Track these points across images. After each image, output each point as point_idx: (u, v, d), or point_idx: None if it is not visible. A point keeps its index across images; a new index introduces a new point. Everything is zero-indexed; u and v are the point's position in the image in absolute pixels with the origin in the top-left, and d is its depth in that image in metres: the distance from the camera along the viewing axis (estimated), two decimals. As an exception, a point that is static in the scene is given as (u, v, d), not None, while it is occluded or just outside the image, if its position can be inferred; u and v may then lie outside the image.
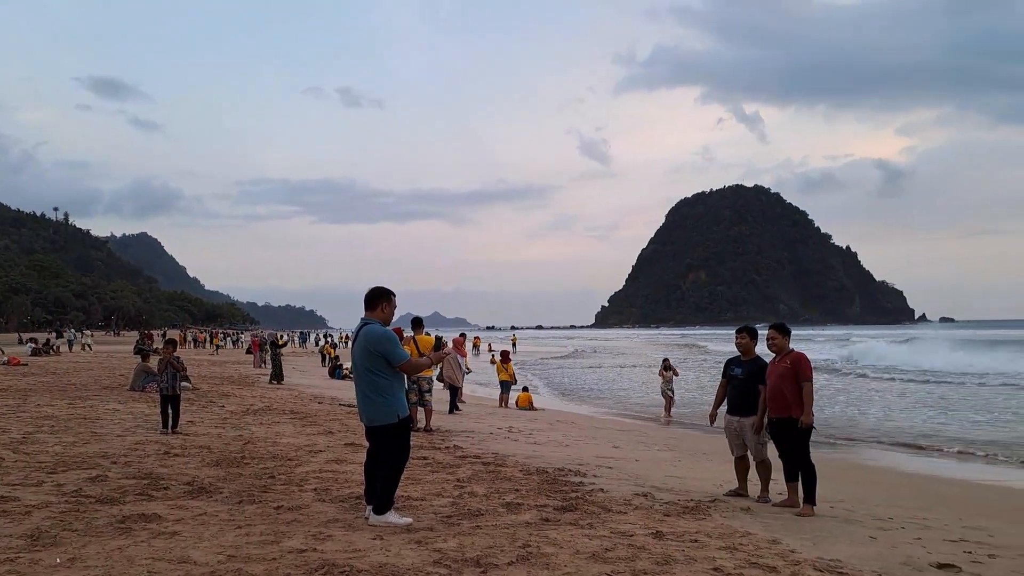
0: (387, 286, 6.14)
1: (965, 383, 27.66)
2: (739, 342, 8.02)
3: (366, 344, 5.80)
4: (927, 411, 19.67)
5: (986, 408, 20.07)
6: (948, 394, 24.12)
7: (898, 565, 5.47)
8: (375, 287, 6.14)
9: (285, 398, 17.45)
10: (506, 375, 20.00)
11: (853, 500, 8.23)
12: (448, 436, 11.66)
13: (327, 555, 4.82)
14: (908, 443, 14.38)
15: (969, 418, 18.06)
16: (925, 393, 24.78)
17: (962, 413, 19.05)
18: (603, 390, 28.06)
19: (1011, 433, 15.59)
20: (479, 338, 63.61)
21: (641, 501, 7.23)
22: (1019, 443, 14.19)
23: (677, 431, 16.03)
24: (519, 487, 7.54)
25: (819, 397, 22.68)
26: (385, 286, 6.16)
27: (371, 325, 5.89)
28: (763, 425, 7.70)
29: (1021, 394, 23.56)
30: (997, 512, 8.12)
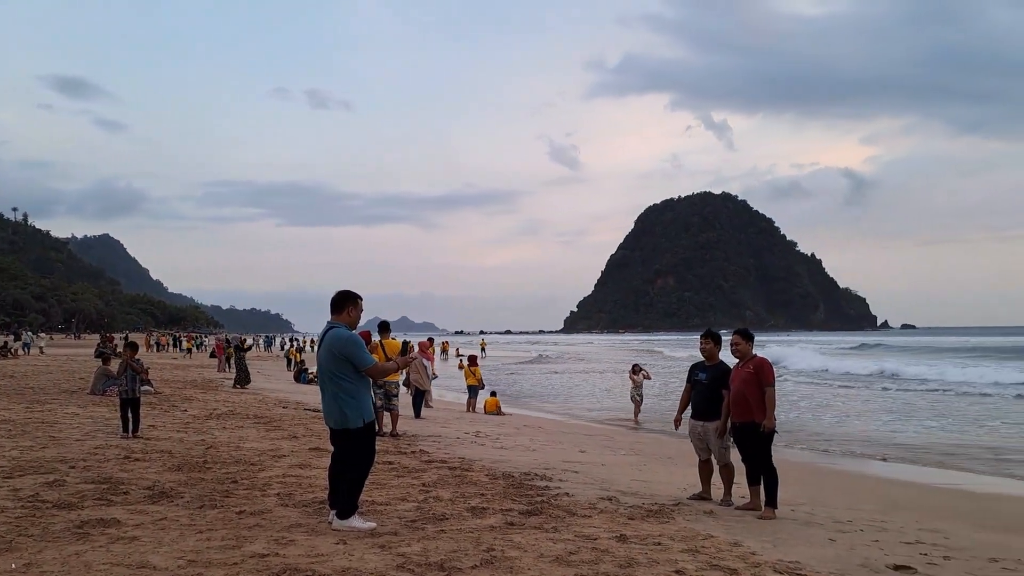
0: (354, 290, 6.13)
1: (911, 389, 28.12)
2: (703, 347, 8.10)
3: (331, 348, 5.77)
4: (885, 416, 20.01)
5: (941, 415, 20.46)
6: (898, 401, 24.56)
7: (855, 567, 5.56)
8: (341, 291, 6.13)
9: (249, 402, 17.28)
10: (474, 379, 19.98)
11: (814, 503, 8.35)
12: (414, 441, 11.63)
13: (289, 560, 4.79)
14: (867, 448, 14.61)
15: (924, 424, 18.40)
16: (881, 399, 25.21)
17: (917, 419, 19.41)
18: (570, 395, 28.15)
19: (964, 437, 15.90)
20: (448, 343, 63.50)
21: (606, 505, 7.27)
22: (971, 447, 14.50)
23: (643, 436, 16.12)
24: (485, 491, 7.54)
25: (783, 402, 22.95)
26: (352, 290, 6.15)
27: (337, 329, 5.87)
28: (726, 429, 7.79)
29: (959, 400, 24.12)
30: (953, 515, 8.29)
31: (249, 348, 26.43)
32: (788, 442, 14.75)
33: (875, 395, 26.65)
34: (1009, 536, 7.27)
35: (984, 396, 25.12)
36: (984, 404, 22.81)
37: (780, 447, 13.89)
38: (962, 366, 35.74)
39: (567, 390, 30.50)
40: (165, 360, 41.28)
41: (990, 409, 21.36)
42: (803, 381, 32.91)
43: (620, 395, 27.70)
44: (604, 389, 30.85)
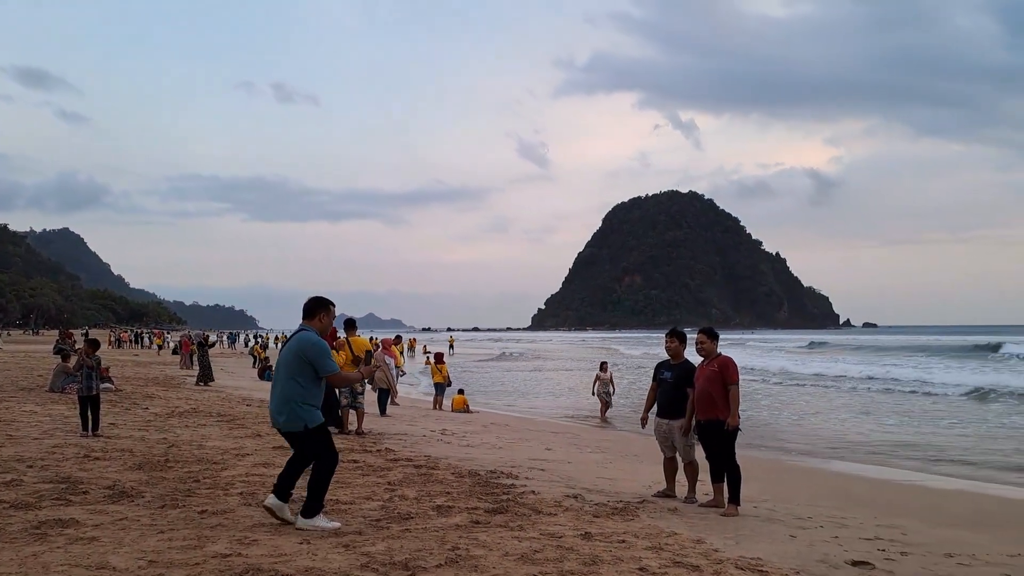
0: (321, 289, 6.14)
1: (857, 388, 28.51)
2: (668, 346, 8.17)
3: (298, 350, 5.74)
4: (844, 414, 20.33)
5: (896, 412, 20.84)
6: (852, 399, 24.96)
7: (815, 563, 5.65)
8: (314, 297, 6.11)
9: (212, 400, 17.07)
10: (440, 377, 19.95)
11: (776, 500, 8.46)
12: (380, 439, 11.58)
13: (252, 560, 4.75)
14: (829, 446, 14.84)
15: (882, 421, 18.73)
16: (839, 399, 25.59)
17: (876, 416, 19.75)
18: (537, 392, 28.22)
19: (921, 435, 16.22)
20: (415, 339, 63.30)
21: (571, 503, 7.31)
22: (930, 444, 14.79)
23: (610, 433, 16.22)
24: (450, 490, 7.54)
25: (748, 401, 23.23)
26: (324, 296, 6.14)
27: (307, 332, 5.85)
28: (691, 427, 7.87)
29: (909, 399, 24.58)
30: (911, 511, 8.45)
31: (212, 345, 26.09)
32: (750, 439, 14.94)
33: (820, 393, 26.99)
34: (963, 532, 7.42)
35: (929, 395, 25.47)
36: (930, 403, 23.23)
37: (742, 445, 14.09)
38: (914, 366, 36.35)
39: (533, 388, 30.58)
40: (127, 357, 40.63)
41: (938, 408, 21.78)
42: (753, 379, 33.23)
43: (585, 393, 27.84)
44: (568, 387, 30.98)
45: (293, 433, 5.73)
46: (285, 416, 5.69)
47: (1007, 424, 17.93)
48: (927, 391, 26.56)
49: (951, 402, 23.48)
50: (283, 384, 5.74)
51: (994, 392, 24.59)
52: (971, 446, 14.69)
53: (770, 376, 35.13)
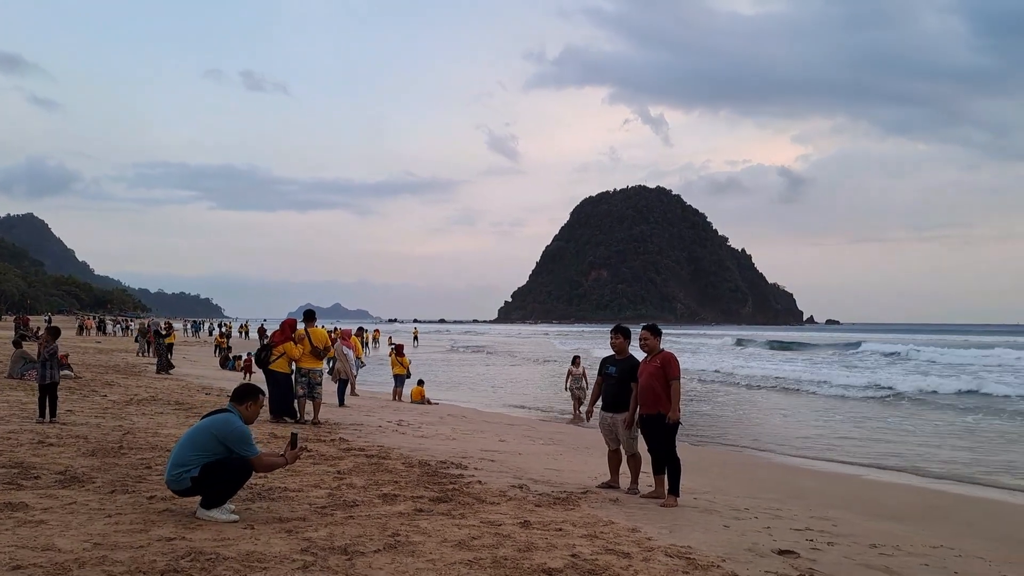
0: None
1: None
2: (613, 342, 8.42)
3: (215, 430, 5.75)
4: (780, 412, 20.81)
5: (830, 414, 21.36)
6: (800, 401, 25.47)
7: (743, 551, 5.92)
8: (246, 384, 6.30)
9: (172, 388, 17.07)
10: (401, 369, 20.06)
11: (716, 491, 8.76)
12: (336, 429, 11.72)
13: (195, 543, 4.90)
14: (774, 442, 15.23)
15: (815, 420, 19.22)
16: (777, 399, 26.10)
17: (809, 415, 20.24)
18: (497, 385, 28.43)
19: (862, 430, 16.69)
20: (379, 331, 63.20)
21: (516, 493, 7.53)
22: (870, 440, 15.25)
23: (564, 426, 16.48)
24: (399, 479, 7.73)
25: (694, 397, 23.66)
26: (257, 387, 6.28)
27: (231, 416, 5.90)
28: (634, 421, 8.13)
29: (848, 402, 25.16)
30: (845, 504, 8.79)
31: (167, 334, 25.84)
32: (690, 433, 15.31)
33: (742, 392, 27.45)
34: (893, 524, 7.77)
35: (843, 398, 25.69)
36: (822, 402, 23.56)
37: (690, 439, 14.44)
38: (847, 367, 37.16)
39: (492, 380, 30.79)
40: (88, 344, 40.16)
41: (840, 407, 22.33)
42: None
43: (540, 386, 28.12)
44: (524, 380, 31.26)
45: (179, 491, 5.77)
46: (175, 479, 5.71)
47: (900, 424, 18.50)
48: (812, 390, 26.68)
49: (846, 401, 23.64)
50: (183, 452, 5.74)
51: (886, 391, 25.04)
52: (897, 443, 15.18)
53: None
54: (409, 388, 19.69)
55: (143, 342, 32.38)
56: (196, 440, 5.76)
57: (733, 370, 34.18)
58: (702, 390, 26.42)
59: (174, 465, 5.72)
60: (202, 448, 5.71)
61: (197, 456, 5.68)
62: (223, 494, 5.72)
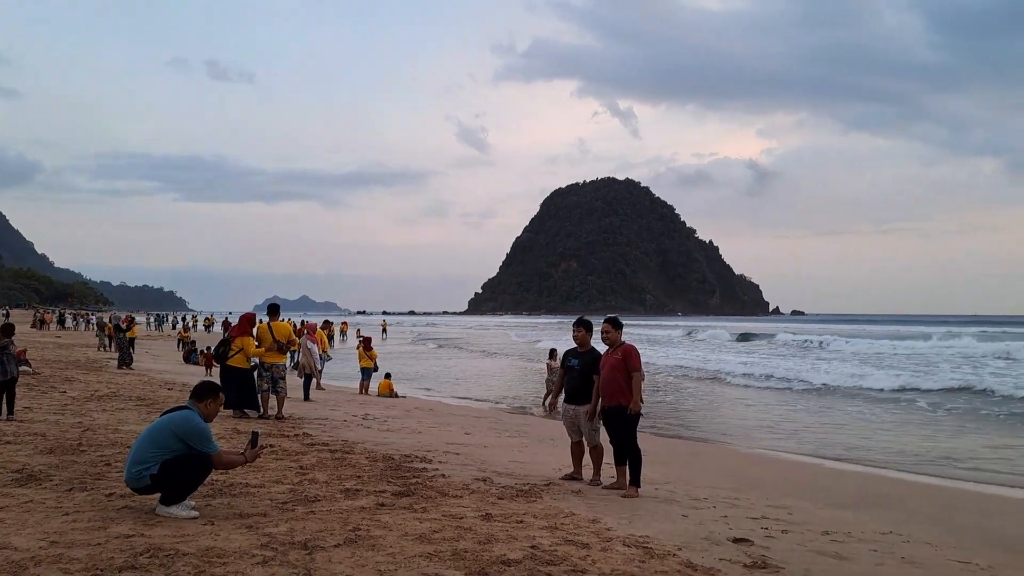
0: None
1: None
2: (576, 335, 8.51)
3: (175, 427, 5.74)
4: (744, 403, 21.12)
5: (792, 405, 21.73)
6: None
7: (699, 540, 6.05)
8: (206, 381, 6.30)
9: (134, 384, 16.88)
10: (368, 362, 20.04)
11: (677, 481, 8.90)
12: (300, 423, 11.70)
13: (154, 540, 4.90)
14: (734, 431, 15.47)
15: (773, 410, 19.54)
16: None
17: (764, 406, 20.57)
18: (462, 377, 28.47)
19: (821, 420, 17.01)
20: (347, 323, 62.88)
21: (479, 486, 7.59)
22: (828, 428, 15.55)
23: (531, 418, 16.57)
24: (362, 474, 7.75)
25: (658, 388, 23.88)
26: (217, 384, 6.27)
27: (191, 412, 5.89)
28: (596, 413, 8.23)
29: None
30: (801, 492, 8.98)
31: (128, 328, 25.50)
32: (653, 424, 15.51)
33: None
34: (847, 512, 7.96)
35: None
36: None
37: (654, 430, 14.62)
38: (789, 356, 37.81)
39: (462, 373, 30.83)
40: (47, 339, 39.50)
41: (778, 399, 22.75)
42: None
43: (509, 378, 28.25)
44: (492, 373, 31.35)
45: (139, 488, 5.75)
46: (134, 476, 5.69)
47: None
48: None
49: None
50: (142, 450, 5.73)
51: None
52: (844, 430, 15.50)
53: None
54: (376, 381, 19.67)
55: (103, 336, 31.95)
56: (155, 438, 5.74)
57: (680, 362, 34.38)
58: (663, 382, 26.67)
59: (133, 463, 5.70)
60: (162, 445, 5.69)
61: (156, 453, 5.66)
62: (183, 490, 5.71)
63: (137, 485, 5.71)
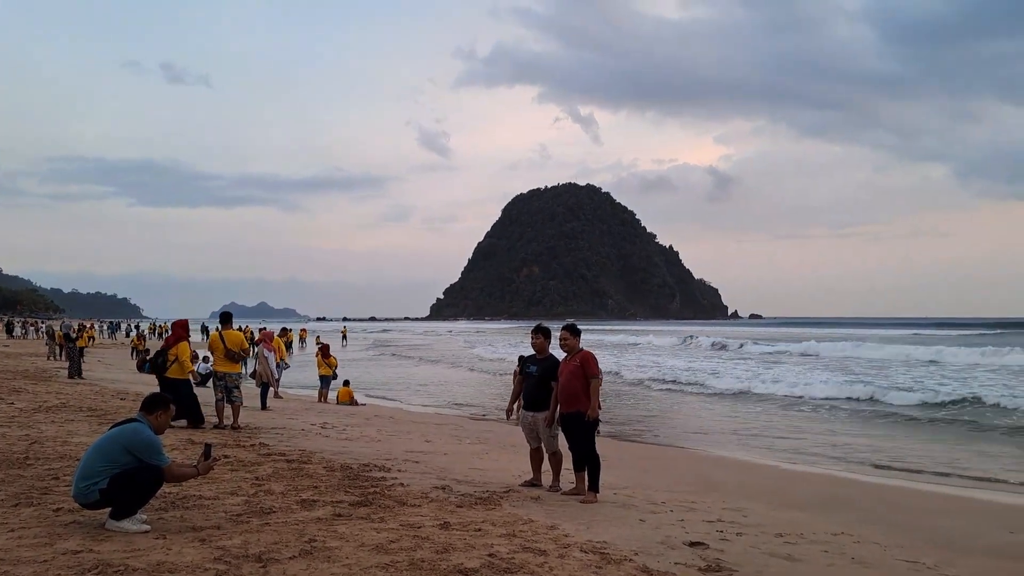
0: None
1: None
2: (534, 342, 8.54)
3: (125, 442, 5.63)
4: (704, 408, 21.36)
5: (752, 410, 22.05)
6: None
7: (655, 544, 6.11)
8: (155, 393, 6.20)
9: (85, 394, 16.52)
10: (326, 369, 19.87)
11: (636, 486, 8.97)
12: (256, 434, 11.54)
13: (103, 555, 4.80)
14: (692, 435, 15.65)
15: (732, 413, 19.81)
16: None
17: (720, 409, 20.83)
18: (424, 384, 28.36)
19: (782, 422, 17.28)
20: (305, 330, 62.24)
21: (438, 494, 7.56)
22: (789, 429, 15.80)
23: (493, 424, 16.54)
24: (319, 484, 7.67)
25: (618, 394, 24.03)
26: (167, 396, 6.18)
27: (141, 425, 5.78)
28: (555, 419, 8.26)
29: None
30: (757, 495, 9.11)
31: (77, 337, 24.96)
32: (612, 429, 15.61)
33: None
34: (800, 513, 8.09)
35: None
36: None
37: (613, 435, 14.72)
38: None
39: (423, 379, 30.71)
40: (-5, 348, 38.49)
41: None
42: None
43: (471, 385, 28.21)
44: (456, 381, 31.28)
45: (88, 504, 5.64)
46: (83, 492, 5.58)
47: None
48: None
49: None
50: (90, 463, 5.61)
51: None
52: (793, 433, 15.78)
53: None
54: (336, 389, 19.50)
55: (53, 345, 31.24)
56: (104, 451, 5.62)
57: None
58: (622, 388, 26.85)
59: (81, 478, 5.58)
60: (110, 459, 5.57)
61: (105, 468, 5.54)
62: (133, 504, 5.59)
63: (86, 500, 5.59)
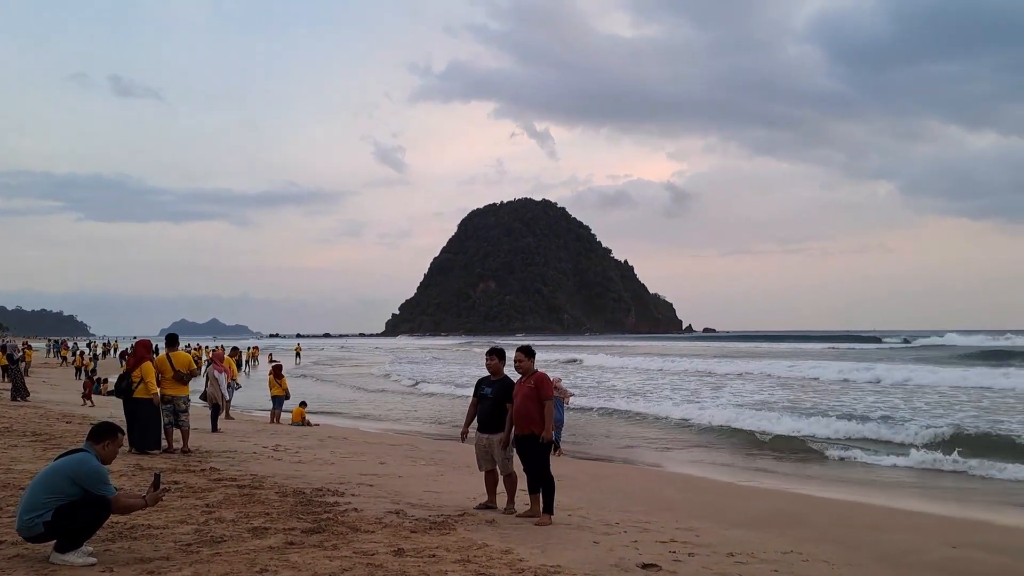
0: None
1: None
2: (489, 364, 8.56)
3: (69, 471, 5.53)
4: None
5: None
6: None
7: (608, 567, 6.15)
8: (104, 422, 6.08)
9: (29, 417, 16.08)
10: (279, 390, 19.61)
11: (591, 507, 9.01)
12: (207, 457, 11.34)
13: (46, 593, 4.70)
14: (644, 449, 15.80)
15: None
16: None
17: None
18: (378, 403, 28.18)
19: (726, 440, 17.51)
20: (257, 348, 61.43)
21: (392, 519, 7.52)
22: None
23: (447, 444, 16.48)
24: (271, 510, 7.57)
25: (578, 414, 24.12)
26: (116, 424, 6.08)
27: (87, 456, 5.68)
28: (510, 441, 8.28)
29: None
30: (710, 513, 9.22)
31: (20, 359, 24.31)
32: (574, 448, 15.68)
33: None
34: (751, 532, 8.21)
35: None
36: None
37: (569, 452, 14.78)
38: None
39: (377, 399, 30.51)
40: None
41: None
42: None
43: (431, 404, 28.10)
44: (411, 405, 31.13)
45: (31, 537, 5.50)
46: (26, 525, 5.45)
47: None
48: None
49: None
50: (35, 495, 5.49)
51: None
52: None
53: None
54: (290, 409, 19.27)
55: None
56: (48, 483, 5.49)
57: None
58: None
59: (25, 510, 5.45)
60: (55, 491, 5.44)
61: (50, 499, 5.41)
62: (79, 536, 5.48)
63: (30, 534, 5.45)
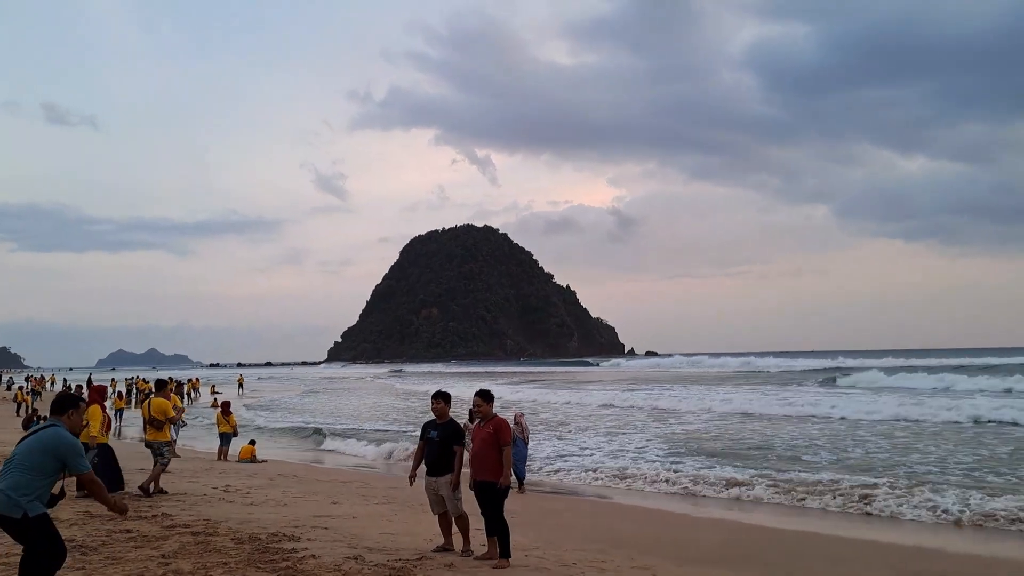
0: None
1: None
2: (435, 407, 8.59)
3: (50, 446, 5.45)
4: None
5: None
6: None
7: (570, 611, 6.27)
8: (63, 392, 6.08)
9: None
10: (227, 427, 19.31)
11: (547, 547, 9.10)
12: (157, 501, 11.15)
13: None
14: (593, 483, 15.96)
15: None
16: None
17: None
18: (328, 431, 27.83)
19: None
20: (198, 379, 59.96)
21: (351, 565, 7.50)
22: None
23: (399, 480, 16.39)
24: (229, 559, 7.51)
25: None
26: (75, 394, 6.04)
27: (59, 428, 5.60)
28: (459, 482, 8.34)
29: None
30: (666, 548, 9.42)
31: None
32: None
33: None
34: (708, 568, 8.44)
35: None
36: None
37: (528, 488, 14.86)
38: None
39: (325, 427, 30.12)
40: None
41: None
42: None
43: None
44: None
45: (9, 519, 5.31)
46: (3, 503, 5.30)
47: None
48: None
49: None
50: (16, 475, 5.37)
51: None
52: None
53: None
54: (238, 447, 18.98)
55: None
56: (28, 463, 5.33)
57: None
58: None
59: (10, 487, 5.24)
60: (38, 469, 5.31)
61: (36, 479, 5.28)
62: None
63: (9, 512, 5.21)
